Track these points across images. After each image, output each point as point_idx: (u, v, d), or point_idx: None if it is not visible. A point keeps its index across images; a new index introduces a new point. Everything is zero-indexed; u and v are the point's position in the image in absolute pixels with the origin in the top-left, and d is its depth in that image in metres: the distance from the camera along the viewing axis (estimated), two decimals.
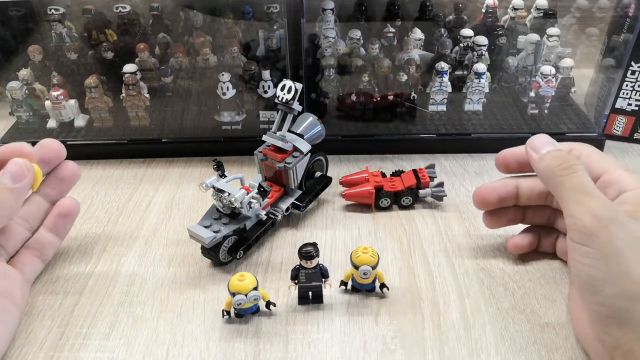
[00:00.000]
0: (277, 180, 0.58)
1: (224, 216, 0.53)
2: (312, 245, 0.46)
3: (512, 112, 0.74)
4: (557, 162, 0.44)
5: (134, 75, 0.69)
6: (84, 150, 0.71)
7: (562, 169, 0.43)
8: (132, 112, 0.71)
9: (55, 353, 0.45)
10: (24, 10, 0.74)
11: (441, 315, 0.48)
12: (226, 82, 0.69)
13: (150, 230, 0.59)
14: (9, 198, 0.46)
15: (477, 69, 0.70)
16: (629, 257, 0.38)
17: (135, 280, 0.52)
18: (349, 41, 0.73)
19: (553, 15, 0.75)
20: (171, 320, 0.48)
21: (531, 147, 0.47)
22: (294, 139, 0.57)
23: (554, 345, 0.45)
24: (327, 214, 0.61)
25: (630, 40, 0.66)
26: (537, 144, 0.47)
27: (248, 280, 0.45)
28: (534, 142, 0.47)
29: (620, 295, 0.38)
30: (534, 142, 0.47)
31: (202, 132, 0.73)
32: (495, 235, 0.56)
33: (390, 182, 0.61)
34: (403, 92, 0.71)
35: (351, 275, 0.49)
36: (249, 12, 0.74)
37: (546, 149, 0.46)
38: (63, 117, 0.72)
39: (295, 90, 0.54)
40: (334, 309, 0.49)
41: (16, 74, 0.71)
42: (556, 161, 0.44)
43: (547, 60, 0.72)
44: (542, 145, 0.46)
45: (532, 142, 0.47)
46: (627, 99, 0.70)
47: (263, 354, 0.45)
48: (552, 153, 0.45)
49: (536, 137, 0.48)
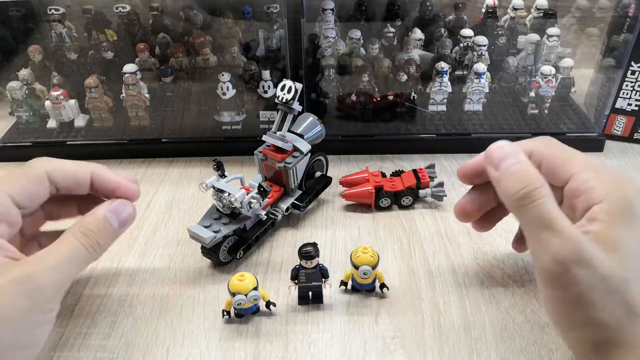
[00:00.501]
0: (277, 180, 0.58)
1: (224, 216, 0.53)
2: (312, 245, 0.46)
3: (512, 112, 0.74)
4: (515, 187, 0.38)
5: (134, 75, 0.69)
6: (84, 150, 0.71)
7: (521, 198, 0.38)
8: (132, 112, 0.71)
9: (56, 353, 0.45)
10: (24, 10, 0.74)
11: (441, 315, 0.48)
12: (226, 82, 0.69)
13: (150, 230, 0.59)
14: (107, 241, 0.43)
15: (477, 69, 0.70)
16: (594, 301, 0.35)
17: (135, 280, 0.52)
18: (349, 41, 0.73)
19: (553, 15, 0.75)
20: (171, 320, 0.48)
21: (489, 161, 0.41)
22: (294, 139, 0.57)
23: (554, 345, 0.45)
24: (327, 214, 0.61)
25: (630, 40, 0.66)
26: (495, 158, 0.40)
27: (248, 280, 0.45)
28: (492, 156, 0.41)
29: (584, 340, 0.36)
30: (492, 156, 0.41)
31: (202, 132, 0.73)
32: (495, 235, 0.56)
33: (390, 182, 0.61)
34: (403, 92, 0.71)
35: (351, 275, 0.49)
36: (249, 12, 0.74)
37: (505, 164, 0.40)
38: (63, 117, 0.72)
39: (295, 90, 0.54)
40: (334, 309, 0.49)
41: (16, 74, 0.71)
42: (514, 186, 0.38)
43: (547, 60, 0.72)
44: (501, 158, 0.40)
45: (491, 154, 0.41)
46: (627, 99, 0.70)
47: (263, 354, 0.45)
48: (511, 174, 0.39)
49: (495, 147, 0.41)
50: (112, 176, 0.45)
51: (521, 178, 0.39)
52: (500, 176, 0.40)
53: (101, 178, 0.45)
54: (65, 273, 0.39)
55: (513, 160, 0.40)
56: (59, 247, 0.40)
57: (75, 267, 0.41)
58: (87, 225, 0.42)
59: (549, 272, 0.36)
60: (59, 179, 0.43)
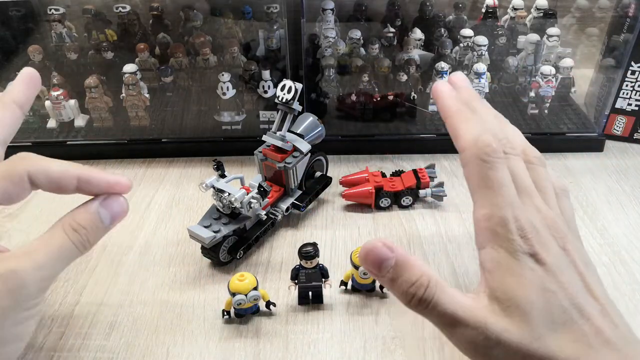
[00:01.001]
0: (277, 180, 0.58)
1: (224, 216, 0.53)
2: (312, 245, 0.46)
3: (512, 112, 0.74)
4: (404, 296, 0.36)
5: (134, 75, 0.69)
6: (84, 150, 0.71)
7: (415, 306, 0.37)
8: (132, 112, 0.71)
9: (56, 353, 0.45)
10: (24, 10, 0.74)
11: None
12: (226, 82, 0.69)
13: (150, 230, 0.59)
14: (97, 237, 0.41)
15: (477, 69, 0.70)
16: None
17: (136, 280, 0.52)
18: (349, 41, 0.73)
19: (553, 15, 0.75)
20: (171, 320, 0.48)
21: (368, 267, 0.37)
22: (294, 139, 0.57)
23: None
24: (327, 214, 0.61)
25: (630, 40, 0.66)
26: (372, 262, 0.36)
27: (248, 280, 0.45)
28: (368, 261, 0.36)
29: None
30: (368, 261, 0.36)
31: (202, 132, 0.73)
32: None
33: (390, 182, 0.61)
34: (403, 92, 0.71)
35: (351, 275, 0.49)
36: (249, 12, 0.74)
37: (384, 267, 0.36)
38: (63, 117, 0.72)
39: (295, 90, 0.54)
40: (334, 309, 0.49)
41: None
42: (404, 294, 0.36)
43: (547, 60, 0.72)
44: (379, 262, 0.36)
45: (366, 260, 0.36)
46: (627, 99, 0.70)
47: (263, 354, 0.45)
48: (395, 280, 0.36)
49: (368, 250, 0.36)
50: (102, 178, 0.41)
51: (405, 284, 0.36)
52: (387, 282, 0.36)
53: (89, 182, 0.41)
54: (52, 270, 0.38)
55: (391, 262, 0.36)
56: (48, 243, 0.38)
57: (63, 263, 0.39)
58: (78, 221, 0.40)
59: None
60: (41, 182, 0.40)
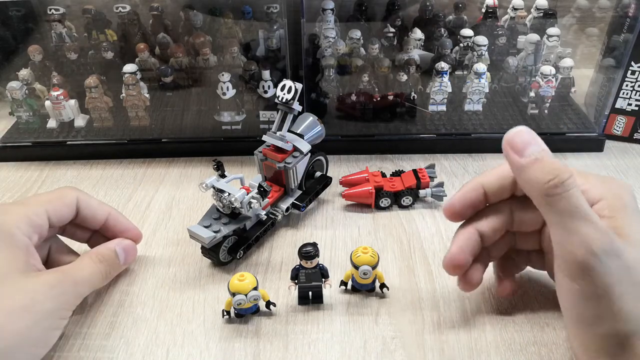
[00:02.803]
0: (277, 180, 0.58)
1: (224, 216, 0.53)
2: (312, 245, 0.46)
3: (512, 112, 0.74)
4: (546, 176, 0.37)
5: (134, 75, 0.69)
6: (84, 150, 0.71)
7: (553, 187, 0.36)
8: (132, 112, 0.71)
9: (56, 353, 0.45)
10: (24, 10, 0.74)
11: (441, 315, 0.48)
12: (226, 82, 0.69)
13: (150, 230, 0.59)
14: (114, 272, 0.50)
15: (477, 69, 0.70)
16: (621, 293, 0.35)
17: (135, 280, 0.52)
18: (349, 41, 0.73)
19: (553, 15, 0.75)
20: (171, 320, 0.48)
21: (511, 146, 0.39)
22: (294, 139, 0.57)
23: (554, 345, 0.45)
24: (327, 214, 0.61)
25: (630, 40, 0.66)
26: (518, 142, 0.38)
27: (248, 280, 0.45)
28: (514, 141, 0.39)
29: (610, 335, 0.36)
30: (514, 141, 0.39)
31: (202, 132, 0.73)
32: None
33: (390, 182, 0.61)
34: (403, 92, 0.71)
35: (351, 275, 0.49)
36: (249, 12, 0.74)
37: (530, 150, 0.38)
38: (63, 117, 0.72)
39: (295, 90, 0.54)
40: (334, 309, 0.49)
41: (16, 74, 0.71)
42: (545, 175, 0.37)
43: (547, 60, 0.72)
44: (525, 145, 0.38)
45: (512, 140, 0.39)
46: (627, 99, 0.70)
47: (263, 354, 0.45)
48: (538, 162, 0.38)
49: (515, 132, 0.39)
50: (125, 220, 0.53)
51: (550, 167, 0.37)
52: (526, 164, 0.38)
53: (116, 219, 0.52)
54: (83, 289, 0.46)
55: (538, 148, 0.38)
56: (82, 266, 0.46)
57: (90, 287, 0.47)
58: (102, 254, 0.49)
59: (579, 263, 0.35)
60: (83, 210, 0.50)
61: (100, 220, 0.51)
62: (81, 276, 0.45)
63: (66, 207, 0.48)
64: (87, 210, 0.50)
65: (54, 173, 0.69)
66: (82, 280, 0.45)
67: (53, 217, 0.47)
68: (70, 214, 0.49)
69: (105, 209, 0.51)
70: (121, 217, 0.52)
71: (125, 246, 0.51)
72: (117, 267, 0.50)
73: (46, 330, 0.41)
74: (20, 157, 0.71)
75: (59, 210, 0.48)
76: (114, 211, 0.52)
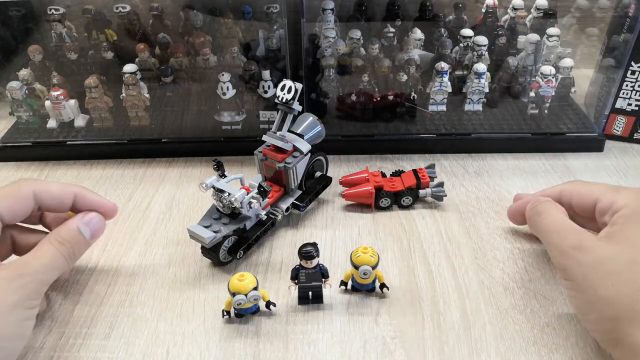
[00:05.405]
0: (277, 180, 0.58)
1: (224, 216, 0.53)
2: (312, 245, 0.46)
3: (512, 112, 0.74)
4: (530, 212, 0.50)
5: (134, 75, 0.69)
6: (84, 150, 0.71)
7: (532, 215, 0.50)
8: (132, 112, 0.71)
9: (56, 353, 0.45)
10: (24, 10, 0.74)
11: (441, 315, 0.48)
12: (226, 82, 0.69)
13: (150, 230, 0.59)
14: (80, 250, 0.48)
15: (477, 69, 0.70)
16: (598, 281, 0.40)
17: (135, 280, 0.52)
18: (349, 41, 0.73)
19: (553, 15, 0.75)
20: (171, 320, 0.48)
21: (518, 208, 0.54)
22: (294, 139, 0.57)
23: (554, 345, 0.45)
24: (327, 214, 0.61)
25: (630, 40, 0.66)
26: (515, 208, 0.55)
27: (248, 280, 0.45)
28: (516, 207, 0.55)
29: (601, 319, 0.40)
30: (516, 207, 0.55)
31: (202, 132, 0.73)
32: (495, 235, 0.57)
33: (390, 182, 0.61)
34: (403, 92, 0.71)
35: (351, 275, 0.49)
36: (249, 12, 0.74)
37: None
38: (63, 117, 0.72)
39: (295, 90, 0.54)
40: (334, 309, 0.49)
41: (16, 74, 0.71)
42: (530, 211, 0.51)
43: (547, 60, 0.72)
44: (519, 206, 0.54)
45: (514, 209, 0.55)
46: (627, 99, 0.70)
47: (263, 354, 0.45)
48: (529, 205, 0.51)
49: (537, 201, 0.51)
50: (94, 196, 0.50)
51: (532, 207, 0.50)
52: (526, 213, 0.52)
53: (83, 199, 0.49)
54: (46, 276, 0.44)
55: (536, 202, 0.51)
56: (41, 254, 0.45)
57: (54, 272, 0.45)
58: (63, 236, 0.46)
59: (558, 264, 0.44)
60: (44, 200, 0.48)
61: (67, 204, 0.48)
62: (41, 264, 0.44)
63: (19, 204, 0.46)
64: (48, 200, 0.48)
65: (54, 173, 0.69)
66: (43, 268, 0.43)
67: (7, 216, 0.46)
68: (27, 208, 0.47)
69: (70, 190, 0.49)
70: (90, 194, 0.50)
71: (88, 220, 0.48)
72: (83, 245, 0.48)
73: (16, 322, 0.41)
74: (20, 157, 0.71)
75: (11, 207, 0.46)
76: (80, 190, 0.49)
